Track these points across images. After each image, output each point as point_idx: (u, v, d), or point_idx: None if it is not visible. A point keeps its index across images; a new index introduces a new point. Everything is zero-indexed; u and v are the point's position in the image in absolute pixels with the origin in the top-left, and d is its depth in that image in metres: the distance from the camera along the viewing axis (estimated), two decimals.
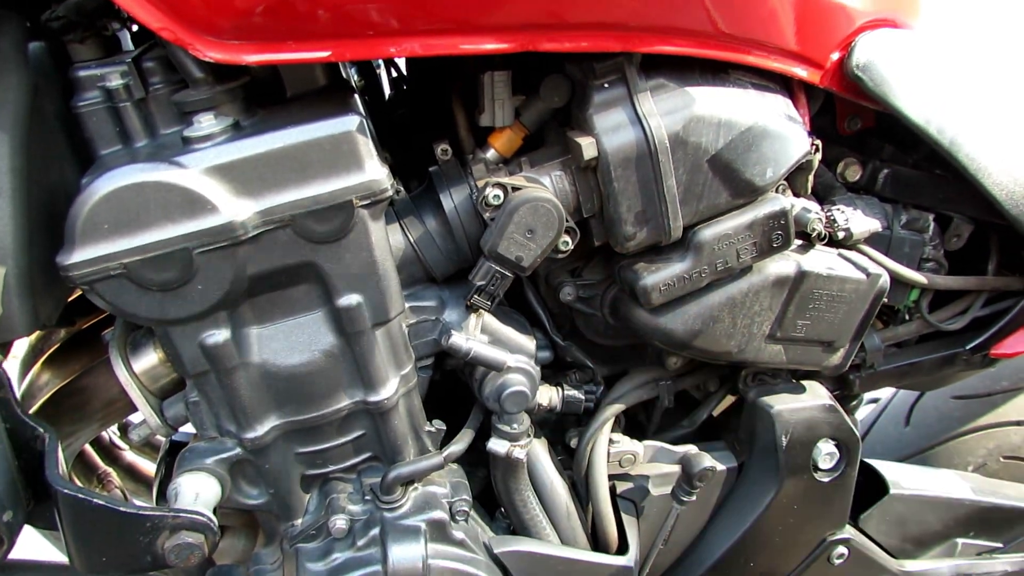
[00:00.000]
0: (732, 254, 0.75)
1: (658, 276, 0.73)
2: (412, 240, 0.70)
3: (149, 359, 0.69)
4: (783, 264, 0.80)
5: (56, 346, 0.85)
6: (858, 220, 0.89)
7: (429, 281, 0.73)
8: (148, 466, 1.11)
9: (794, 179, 0.87)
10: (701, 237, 0.74)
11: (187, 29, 0.55)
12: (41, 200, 0.62)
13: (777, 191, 0.82)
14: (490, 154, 0.70)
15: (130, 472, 1.06)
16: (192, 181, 0.55)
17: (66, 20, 0.61)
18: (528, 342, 0.76)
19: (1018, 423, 1.32)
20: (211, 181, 0.56)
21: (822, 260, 0.83)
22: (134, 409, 0.70)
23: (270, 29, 0.54)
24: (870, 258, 0.89)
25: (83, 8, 0.60)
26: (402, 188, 0.72)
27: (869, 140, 0.97)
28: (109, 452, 1.06)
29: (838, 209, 0.89)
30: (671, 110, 0.68)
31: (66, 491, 0.57)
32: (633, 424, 0.99)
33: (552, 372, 0.86)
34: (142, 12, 0.54)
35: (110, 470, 0.98)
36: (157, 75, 0.62)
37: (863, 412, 1.48)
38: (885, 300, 0.88)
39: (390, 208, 0.71)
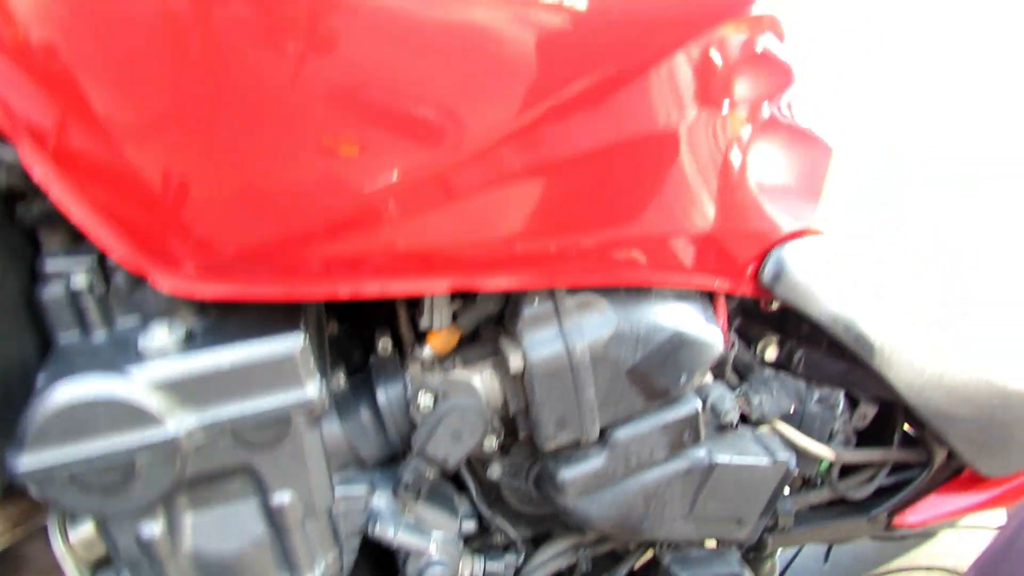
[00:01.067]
0: (646, 451, 0.82)
1: (576, 471, 0.80)
2: (346, 431, 0.75)
3: (86, 529, 0.72)
4: (695, 455, 0.86)
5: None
6: (771, 402, 0.97)
7: (360, 464, 0.78)
8: None
9: (714, 367, 0.95)
10: (617, 437, 0.80)
11: (148, 260, 0.60)
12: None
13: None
14: (426, 352, 0.76)
15: None
16: (141, 397, 0.60)
17: (40, 215, 0.66)
18: (452, 521, 0.81)
19: (928, 568, 1.40)
20: (159, 396, 0.61)
21: (732, 448, 0.90)
22: None
23: (227, 268, 0.60)
24: (782, 436, 0.97)
25: (57, 210, 0.65)
26: (343, 376, 0.77)
27: (789, 317, 1.05)
28: None
29: (754, 391, 0.97)
30: (593, 327, 0.75)
31: None
32: None
33: (476, 534, 0.90)
34: (108, 241, 0.60)
35: None
36: (120, 270, 0.67)
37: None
38: (796, 472, 0.96)
39: (330, 398, 0.76)
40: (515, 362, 0.73)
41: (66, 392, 0.59)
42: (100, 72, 0.54)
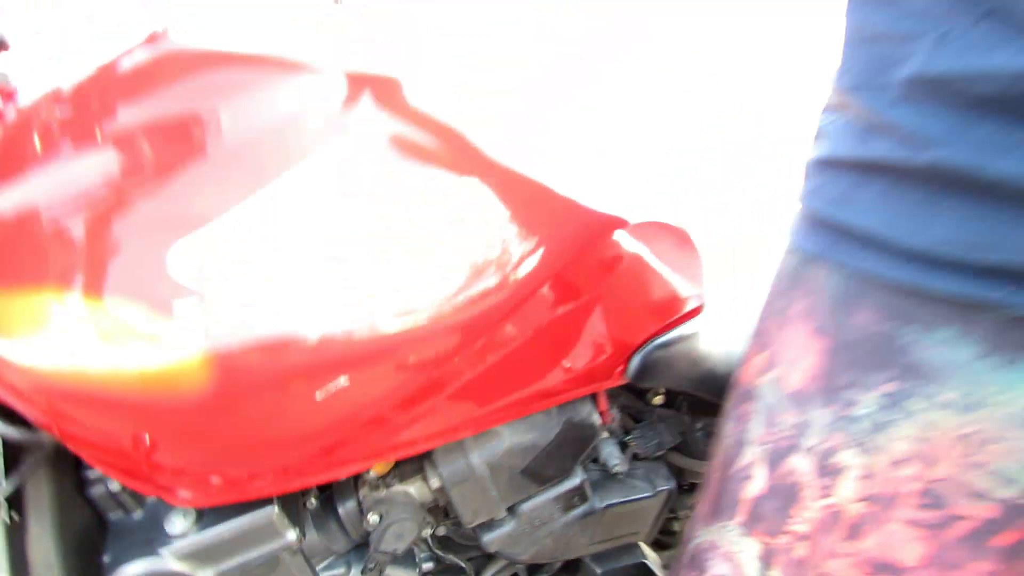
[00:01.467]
0: (546, 514, 1.11)
1: (494, 535, 1.10)
2: (321, 537, 1.05)
3: None
4: (590, 503, 1.15)
5: None
6: (658, 441, 1.24)
7: (336, 554, 1.09)
8: None
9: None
10: (521, 509, 1.09)
11: (154, 491, 0.87)
12: (77, 561, 0.95)
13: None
14: (371, 475, 1.04)
15: None
16: (175, 566, 0.90)
17: None
18: (413, 570, 1.13)
19: None
20: (187, 562, 0.91)
21: (621, 488, 1.19)
22: None
23: (218, 492, 0.87)
24: (670, 463, 1.25)
25: None
26: (314, 499, 1.06)
27: None
28: None
29: (642, 435, 1.24)
30: (490, 448, 1.02)
31: None
32: None
33: (434, 567, 1.23)
34: (124, 482, 0.87)
35: None
36: None
37: None
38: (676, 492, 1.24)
39: (306, 512, 1.06)
40: (434, 482, 1.02)
41: (126, 574, 0.90)
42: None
